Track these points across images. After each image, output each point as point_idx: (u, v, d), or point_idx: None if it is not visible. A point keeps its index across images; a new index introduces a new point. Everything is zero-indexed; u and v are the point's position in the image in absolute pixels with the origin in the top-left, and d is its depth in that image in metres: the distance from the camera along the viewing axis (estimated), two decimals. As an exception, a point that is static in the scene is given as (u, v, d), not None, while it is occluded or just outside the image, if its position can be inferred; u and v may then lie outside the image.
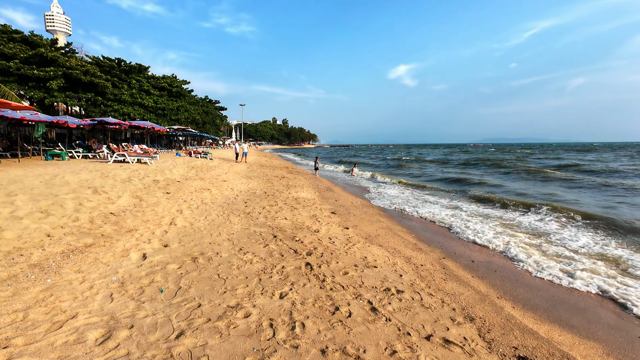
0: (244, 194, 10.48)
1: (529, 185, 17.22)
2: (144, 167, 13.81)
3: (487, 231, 7.73)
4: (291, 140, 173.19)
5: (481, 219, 9.12)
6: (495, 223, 8.58)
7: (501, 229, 8.03)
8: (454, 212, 9.95)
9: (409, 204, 11.43)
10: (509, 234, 7.58)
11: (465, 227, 8.15)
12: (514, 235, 7.47)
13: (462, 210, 10.29)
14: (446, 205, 11.36)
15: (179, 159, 20.04)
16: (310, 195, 11.66)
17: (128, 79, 41.11)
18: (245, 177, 15.34)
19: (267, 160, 32.32)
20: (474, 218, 9.19)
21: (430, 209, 10.47)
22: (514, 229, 8.01)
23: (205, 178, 13.44)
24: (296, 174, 20.16)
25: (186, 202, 8.22)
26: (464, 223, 8.55)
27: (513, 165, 27.76)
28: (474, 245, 6.85)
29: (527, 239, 7.21)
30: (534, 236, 7.43)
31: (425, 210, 10.24)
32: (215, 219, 6.89)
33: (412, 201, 12.17)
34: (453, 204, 11.60)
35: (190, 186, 10.72)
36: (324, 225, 7.25)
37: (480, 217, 9.38)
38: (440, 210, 10.27)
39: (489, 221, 8.81)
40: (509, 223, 8.68)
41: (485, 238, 7.18)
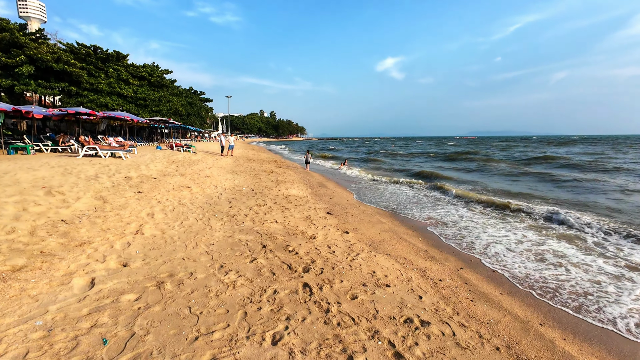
0: (228, 192, 9.43)
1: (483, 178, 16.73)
2: (118, 162, 12.53)
3: (498, 238, 6.98)
4: (279, 133, 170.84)
5: (493, 221, 8.38)
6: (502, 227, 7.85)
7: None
8: (457, 212, 9.18)
9: (411, 204, 10.63)
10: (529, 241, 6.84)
11: (473, 228, 7.38)
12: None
13: (469, 210, 9.54)
14: (447, 205, 10.59)
15: (159, 153, 18.68)
16: (302, 192, 10.70)
17: (105, 67, 38.79)
18: (231, 172, 14.23)
19: (255, 154, 31.07)
20: (482, 219, 8.44)
21: (437, 210, 9.69)
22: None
23: (186, 174, 12.28)
24: (285, 168, 19.13)
25: (160, 203, 7.12)
26: (472, 224, 7.78)
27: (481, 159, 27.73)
28: (486, 250, 6.06)
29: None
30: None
31: (432, 213, 9.46)
32: (193, 224, 5.86)
33: (413, 200, 11.38)
34: (451, 203, 10.87)
35: (167, 183, 9.58)
36: (321, 229, 6.32)
37: (491, 219, 8.64)
38: (444, 210, 9.49)
39: (500, 225, 8.08)
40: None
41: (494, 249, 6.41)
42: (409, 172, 20.52)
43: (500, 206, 9.60)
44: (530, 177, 17.07)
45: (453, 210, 9.37)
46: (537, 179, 16.48)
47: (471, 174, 19.49)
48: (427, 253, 5.65)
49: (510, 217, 8.55)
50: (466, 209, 9.54)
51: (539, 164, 24.17)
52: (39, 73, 31.97)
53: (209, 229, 5.64)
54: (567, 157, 27.54)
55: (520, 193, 12.23)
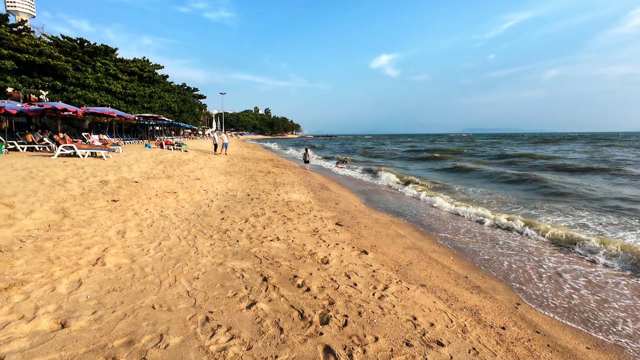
0: (221, 198, 8.22)
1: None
2: (97, 162, 11.22)
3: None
4: (274, 130, 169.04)
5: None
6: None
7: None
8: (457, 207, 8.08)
9: (424, 210, 9.50)
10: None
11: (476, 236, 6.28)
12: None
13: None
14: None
15: (146, 152, 17.35)
16: (304, 196, 9.53)
17: (92, 61, 37.07)
18: (224, 174, 12.98)
19: (250, 152, 29.78)
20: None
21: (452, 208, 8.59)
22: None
23: (174, 176, 11.02)
24: (283, 167, 17.92)
25: (138, 215, 5.90)
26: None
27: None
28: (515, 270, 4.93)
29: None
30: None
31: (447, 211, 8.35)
32: (174, 245, 4.65)
33: (429, 202, 10.26)
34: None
35: (150, 189, 8.34)
36: (333, 247, 5.16)
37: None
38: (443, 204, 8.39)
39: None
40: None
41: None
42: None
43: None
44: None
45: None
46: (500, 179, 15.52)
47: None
48: (468, 281, 4.51)
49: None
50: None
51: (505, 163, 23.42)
52: (20, 67, 30.28)
53: (194, 252, 4.43)
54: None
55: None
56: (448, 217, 8.53)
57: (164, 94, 44.63)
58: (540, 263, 5.38)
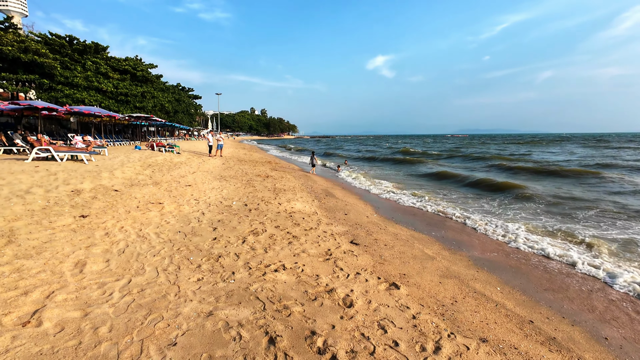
0: (214, 210, 7.10)
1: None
2: (76, 167, 10.03)
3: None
4: (270, 131, 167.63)
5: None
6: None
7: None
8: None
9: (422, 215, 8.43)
10: None
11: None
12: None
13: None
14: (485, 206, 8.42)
15: (135, 154, 16.14)
16: (308, 205, 8.43)
17: (82, 59, 35.69)
18: (219, 179, 11.84)
19: (246, 154, 28.61)
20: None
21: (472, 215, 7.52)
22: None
23: (162, 182, 9.86)
24: (282, 171, 16.79)
25: (109, 236, 4.76)
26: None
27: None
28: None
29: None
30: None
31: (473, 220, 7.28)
32: (149, 282, 3.53)
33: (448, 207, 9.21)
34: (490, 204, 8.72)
35: (132, 199, 7.19)
36: (354, 279, 4.07)
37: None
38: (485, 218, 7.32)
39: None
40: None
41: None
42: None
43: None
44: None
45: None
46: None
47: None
48: (535, 327, 3.44)
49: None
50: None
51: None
52: (4, 65, 28.92)
53: (175, 294, 3.31)
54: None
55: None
56: (459, 226, 7.47)
57: (158, 94, 43.27)
58: (605, 291, 4.32)
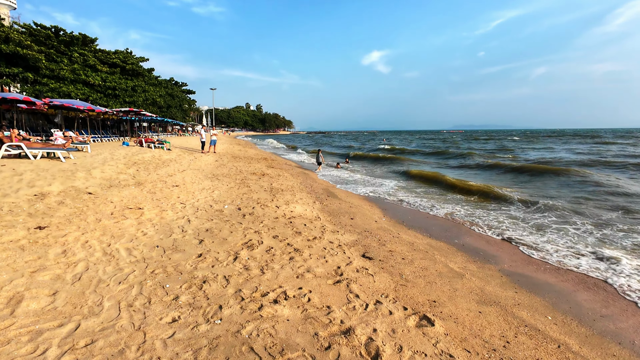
0: (202, 216, 6.17)
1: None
2: (50, 166, 9.02)
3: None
4: (266, 126, 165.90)
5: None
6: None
7: None
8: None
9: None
10: None
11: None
12: None
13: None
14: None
15: (122, 151, 15.09)
16: (309, 208, 7.54)
17: (69, 51, 34.20)
18: (210, 178, 10.88)
19: (241, 150, 27.57)
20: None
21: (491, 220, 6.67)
22: None
23: (147, 182, 8.89)
24: (279, 169, 15.85)
25: (66, 254, 3.83)
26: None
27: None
28: None
29: None
30: None
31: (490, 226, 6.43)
32: (102, 329, 2.62)
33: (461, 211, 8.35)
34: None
35: (107, 203, 6.24)
36: (375, 312, 3.19)
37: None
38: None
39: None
40: None
41: None
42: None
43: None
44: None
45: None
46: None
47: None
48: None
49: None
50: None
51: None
52: (-15, 56, 27.52)
53: (137, 347, 2.40)
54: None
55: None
56: (467, 228, 6.63)
57: (149, 88, 41.84)
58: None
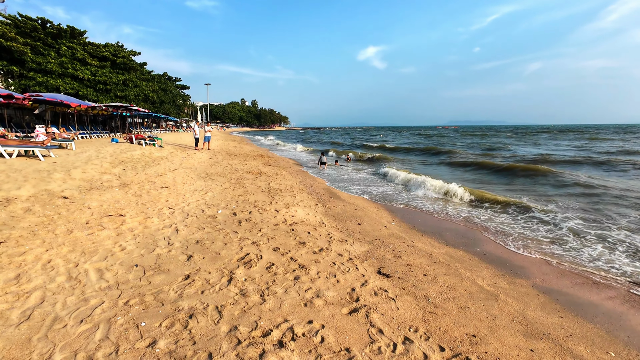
0: (192, 223, 5.46)
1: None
2: (26, 165, 8.22)
3: None
4: (261, 122, 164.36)
5: None
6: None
7: None
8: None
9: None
10: None
11: None
12: None
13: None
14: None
15: (109, 148, 14.24)
16: (312, 212, 6.85)
17: (57, 44, 32.95)
18: (203, 177, 10.13)
19: (237, 146, 26.73)
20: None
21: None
22: None
23: (133, 183, 8.13)
24: (276, 166, 15.11)
25: (19, 280, 3.10)
26: None
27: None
28: None
29: None
30: None
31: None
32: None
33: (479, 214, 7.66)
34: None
35: (84, 209, 5.49)
36: (403, 352, 2.53)
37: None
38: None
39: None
40: None
41: None
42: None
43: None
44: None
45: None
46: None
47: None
48: None
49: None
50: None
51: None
52: (-34, 48, 26.31)
53: None
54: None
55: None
56: (482, 233, 5.98)
57: (141, 83, 40.63)
58: None
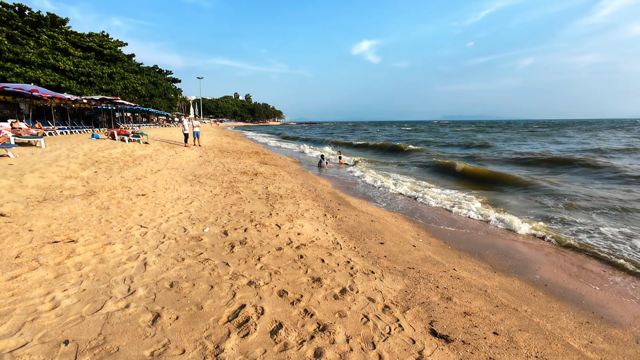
0: (168, 250, 4.12)
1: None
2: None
3: None
4: (255, 117, 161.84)
5: None
6: None
7: None
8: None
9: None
10: None
11: None
12: None
13: None
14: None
15: (86, 145, 12.74)
16: (321, 227, 5.55)
17: (36, 33, 30.87)
18: (190, 181, 8.75)
19: (230, 142, 25.23)
20: None
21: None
22: None
23: (103, 190, 6.74)
24: (273, 165, 13.74)
25: None
26: None
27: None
28: None
29: None
30: None
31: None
32: None
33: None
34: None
35: (24, 232, 4.13)
36: None
37: None
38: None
39: None
40: None
41: None
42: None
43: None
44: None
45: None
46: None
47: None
48: None
49: None
50: None
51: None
52: None
53: None
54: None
55: None
56: (525, 246, 4.76)
57: (129, 75, 38.64)
58: None
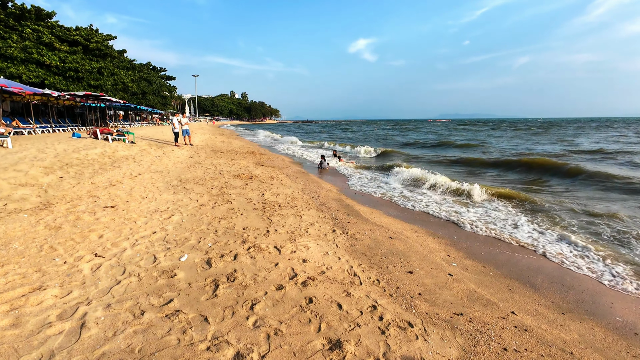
0: (123, 299, 2.94)
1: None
2: None
3: None
4: (252, 115, 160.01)
5: None
6: None
7: None
8: None
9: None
10: None
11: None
12: None
13: None
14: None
15: (62, 145, 11.46)
16: (332, 249, 4.38)
17: (20, 27, 29.31)
18: (174, 187, 7.53)
19: (225, 142, 23.95)
20: None
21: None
22: None
23: (64, 200, 5.51)
24: (270, 166, 12.54)
25: None
26: None
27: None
28: None
29: None
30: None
31: None
32: None
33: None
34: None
35: None
36: None
37: None
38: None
39: None
40: None
41: None
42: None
43: None
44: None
45: None
46: None
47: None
48: None
49: None
50: None
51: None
52: None
53: None
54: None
55: None
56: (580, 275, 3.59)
57: (118, 71, 37.12)
58: None
